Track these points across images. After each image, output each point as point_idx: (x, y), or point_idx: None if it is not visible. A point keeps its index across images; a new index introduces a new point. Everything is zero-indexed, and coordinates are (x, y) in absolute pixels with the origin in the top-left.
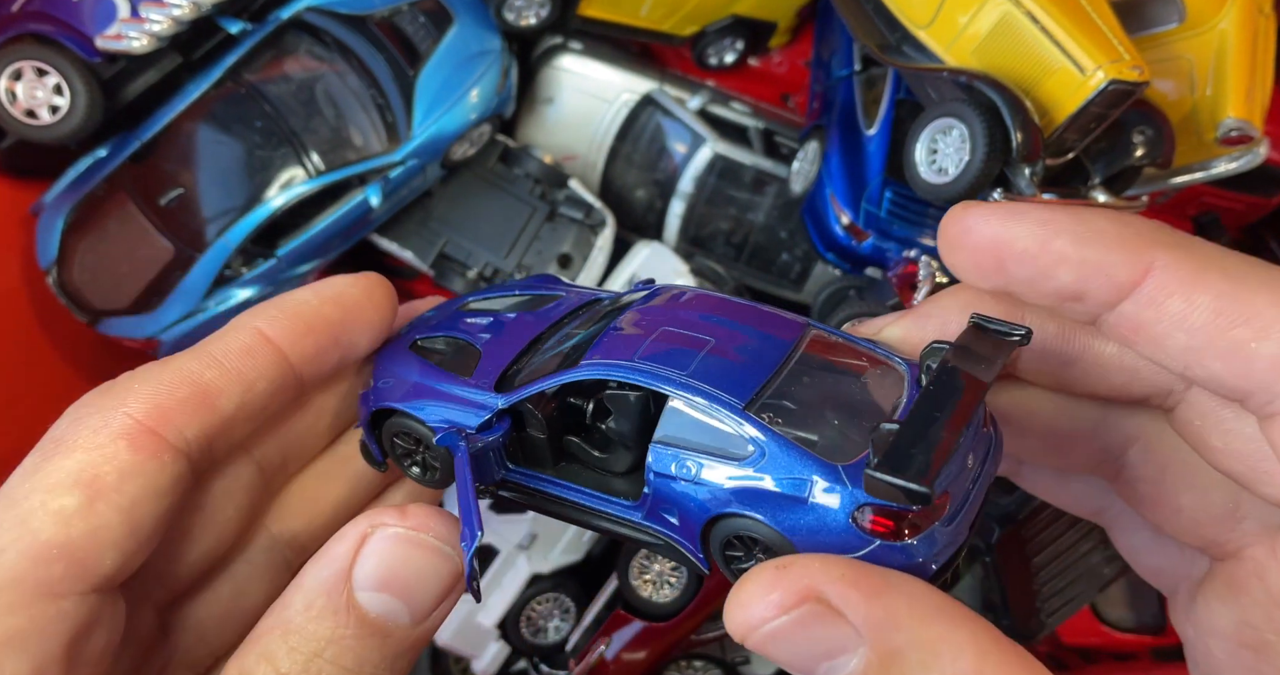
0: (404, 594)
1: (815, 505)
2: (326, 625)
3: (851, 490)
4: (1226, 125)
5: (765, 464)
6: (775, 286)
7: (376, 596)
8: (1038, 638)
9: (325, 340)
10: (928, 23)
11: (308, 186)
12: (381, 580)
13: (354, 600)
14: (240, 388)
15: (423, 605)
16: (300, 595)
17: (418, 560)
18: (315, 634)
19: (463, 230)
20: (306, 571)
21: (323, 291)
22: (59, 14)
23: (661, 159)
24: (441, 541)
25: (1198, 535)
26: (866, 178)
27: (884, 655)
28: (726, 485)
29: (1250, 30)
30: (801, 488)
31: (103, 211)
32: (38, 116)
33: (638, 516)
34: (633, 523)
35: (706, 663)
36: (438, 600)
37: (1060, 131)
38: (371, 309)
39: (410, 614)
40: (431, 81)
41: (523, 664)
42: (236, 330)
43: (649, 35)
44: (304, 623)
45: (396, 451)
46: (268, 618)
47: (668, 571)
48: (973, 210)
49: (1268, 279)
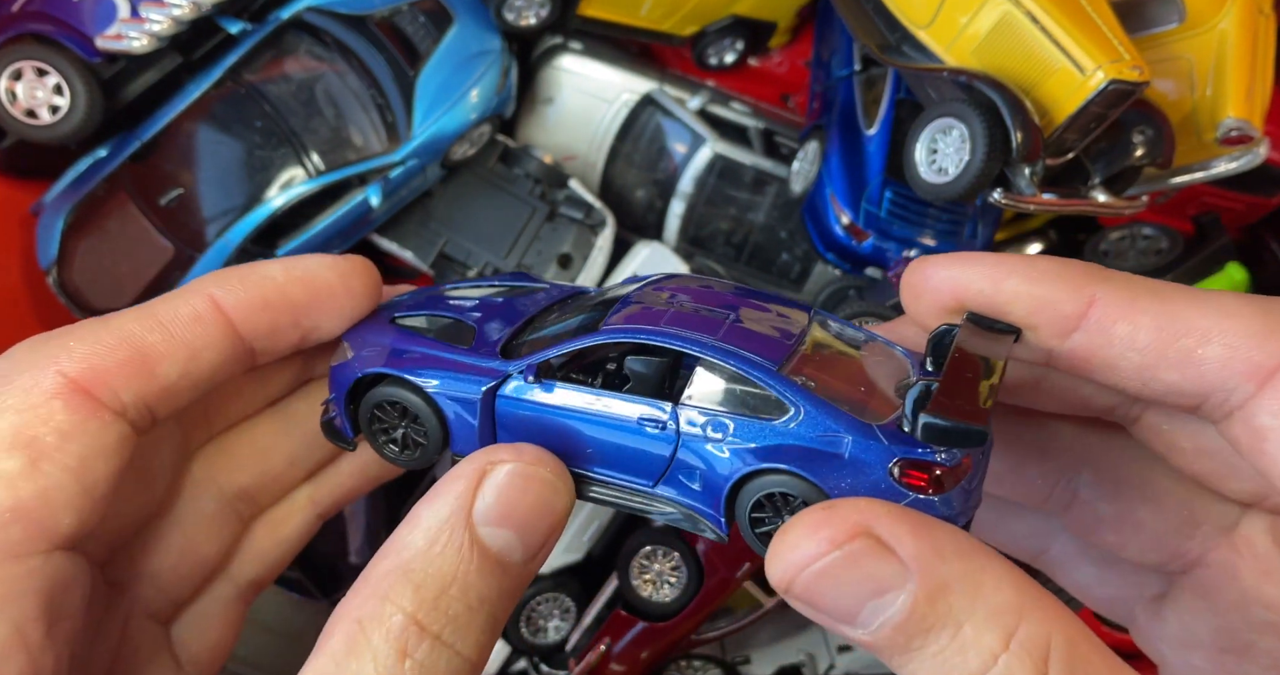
0: (521, 529)
1: (852, 460)
2: (451, 561)
3: (888, 446)
4: (1226, 125)
5: (802, 422)
6: (775, 286)
7: (497, 531)
8: None
9: (283, 319)
10: (928, 23)
11: (308, 186)
12: (502, 515)
13: (477, 535)
14: (184, 355)
15: (536, 540)
16: (420, 533)
17: (534, 495)
18: (441, 570)
19: (463, 230)
20: (421, 511)
21: (293, 269)
22: (59, 14)
23: (661, 159)
24: (556, 476)
25: (1159, 550)
26: (866, 178)
27: (931, 589)
28: (760, 444)
29: (1250, 30)
30: (838, 444)
31: (103, 211)
32: (38, 116)
33: (647, 485)
34: (646, 492)
35: (706, 662)
36: (549, 535)
37: (1060, 131)
38: (344, 295)
39: (524, 549)
40: (431, 81)
41: (523, 664)
42: (189, 295)
43: (649, 35)
44: (427, 561)
45: (373, 427)
46: (380, 562)
47: (668, 571)
48: (929, 261)
49: (1193, 296)
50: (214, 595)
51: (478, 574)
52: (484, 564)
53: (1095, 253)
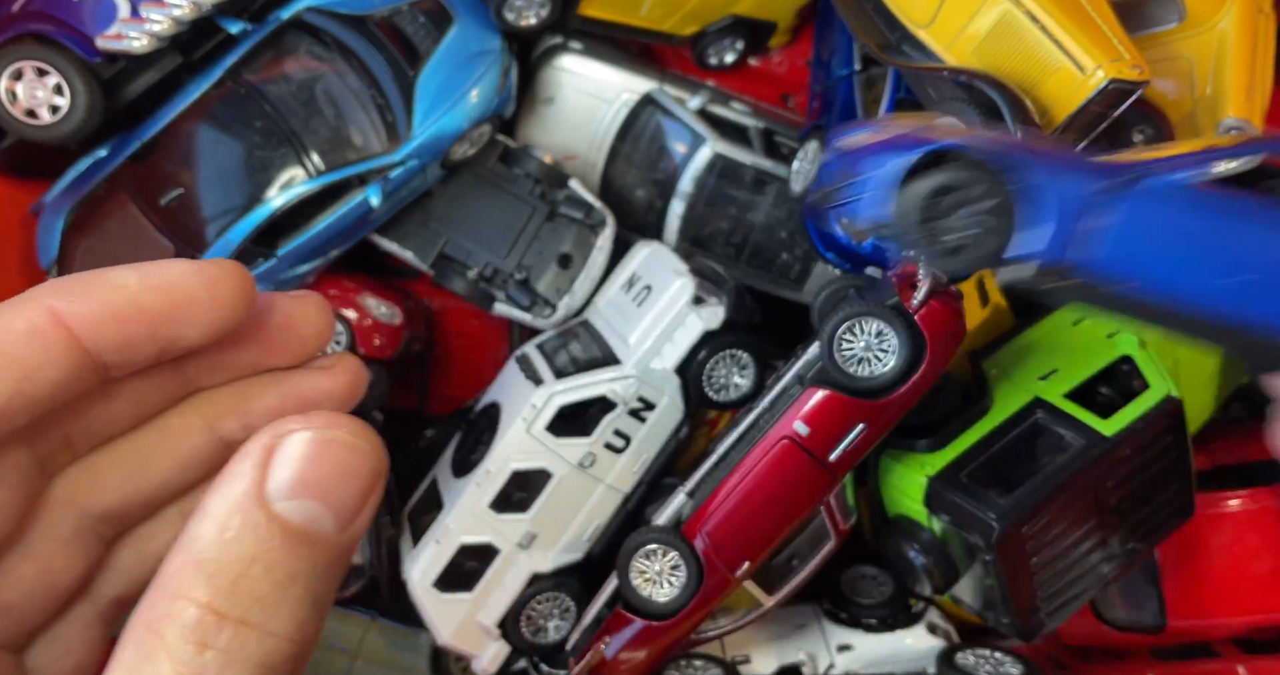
0: (325, 497)
1: None
2: (248, 543)
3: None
4: (1226, 125)
5: None
6: (775, 286)
7: (297, 504)
8: (1038, 636)
9: (138, 331)
10: (928, 22)
11: (308, 186)
12: (299, 485)
13: (273, 512)
14: (16, 375)
15: (346, 507)
16: (208, 523)
17: (334, 460)
18: (237, 554)
19: (463, 230)
20: (208, 501)
21: (149, 276)
22: (59, 14)
23: (661, 159)
24: (355, 435)
25: None
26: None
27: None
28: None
29: (1250, 30)
30: None
31: (103, 211)
32: (38, 116)
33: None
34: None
35: (706, 661)
36: (361, 500)
37: (1060, 131)
38: (208, 304)
39: (335, 518)
40: (432, 81)
41: (523, 663)
42: (24, 306)
43: (649, 35)
44: (220, 548)
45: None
46: (170, 562)
47: (667, 571)
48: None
49: None
50: (73, 618)
51: (282, 550)
52: (288, 539)
53: None
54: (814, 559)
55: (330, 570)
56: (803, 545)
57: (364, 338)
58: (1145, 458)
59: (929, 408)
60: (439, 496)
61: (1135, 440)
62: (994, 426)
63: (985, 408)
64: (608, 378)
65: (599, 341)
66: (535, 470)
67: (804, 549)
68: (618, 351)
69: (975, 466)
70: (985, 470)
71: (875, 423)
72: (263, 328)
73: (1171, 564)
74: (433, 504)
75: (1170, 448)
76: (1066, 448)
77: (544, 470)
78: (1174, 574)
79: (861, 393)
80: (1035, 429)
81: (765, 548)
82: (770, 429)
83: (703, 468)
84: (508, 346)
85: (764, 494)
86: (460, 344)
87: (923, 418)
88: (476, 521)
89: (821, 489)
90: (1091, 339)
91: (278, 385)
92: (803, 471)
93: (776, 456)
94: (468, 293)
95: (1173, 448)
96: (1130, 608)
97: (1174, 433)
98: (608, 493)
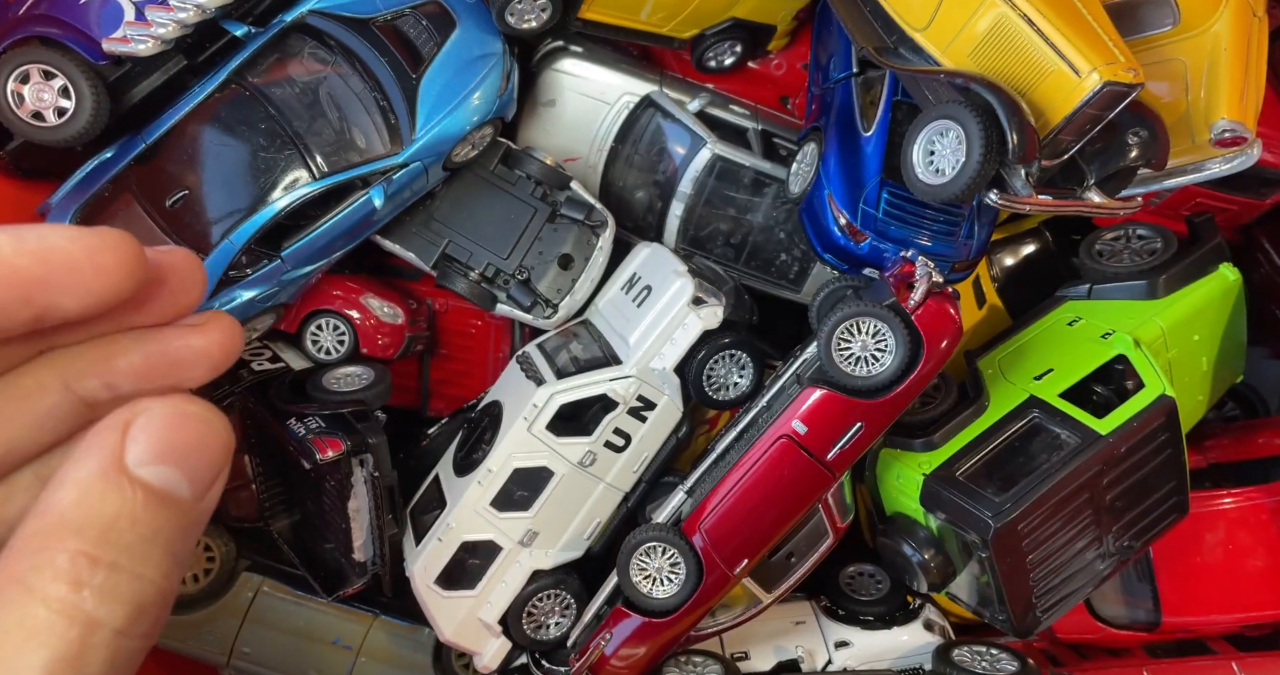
0: (183, 464)
1: None
2: (113, 502)
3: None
4: (1220, 127)
5: None
6: (774, 287)
7: (156, 469)
8: (1034, 633)
9: (10, 295)
10: (924, 25)
11: (312, 188)
12: (159, 453)
13: (134, 476)
14: None
15: (202, 477)
16: (70, 488)
17: (189, 431)
18: (103, 511)
19: (465, 231)
20: (68, 470)
21: (25, 240)
22: (65, 17)
23: (661, 160)
24: (207, 411)
25: None
26: (864, 179)
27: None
28: None
29: (1243, 33)
30: None
31: (109, 212)
32: (44, 118)
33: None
34: None
35: (705, 658)
36: (214, 471)
37: (1056, 133)
38: (90, 272)
39: (190, 487)
40: (434, 84)
41: (524, 660)
42: None
43: (649, 38)
44: (85, 507)
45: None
46: (28, 525)
47: (667, 568)
48: None
49: None
50: None
51: (145, 509)
52: (150, 499)
53: (1090, 253)
54: (812, 556)
55: (187, 533)
56: (801, 542)
57: (367, 338)
58: (1140, 456)
59: (926, 406)
60: (441, 495)
61: (1130, 439)
62: (990, 425)
63: (982, 407)
64: (608, 377)
65: (599, 341)
66: (536, 469)
67: (802, 546)
68: (618, 351)
69: (971, 465)
70: (981, 468)
71: (873, 421)
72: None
73: (1166, 561)
74: (435, 502)
75: (1165, 446)
76: (1062, 446)
77: (545, 469)
78: (1168, 571)
79: (859, 392)
80: (1031, 428)
81: (764, 545)
82: (769, 428)
83: (702, 466)
84: (509, 347)
85: (762, 492)
86: (462, 344)
87: (920, 416)
88: (478, 519)
89: (819, 487)
90: (1086, 339)
91: (143, 343)
92: (801, 470)
93: (775, 455)
94: (469, 293)
95: (1167, 446)
96: (1125, 605)
97: (1168, 431)
98: (608, 491)
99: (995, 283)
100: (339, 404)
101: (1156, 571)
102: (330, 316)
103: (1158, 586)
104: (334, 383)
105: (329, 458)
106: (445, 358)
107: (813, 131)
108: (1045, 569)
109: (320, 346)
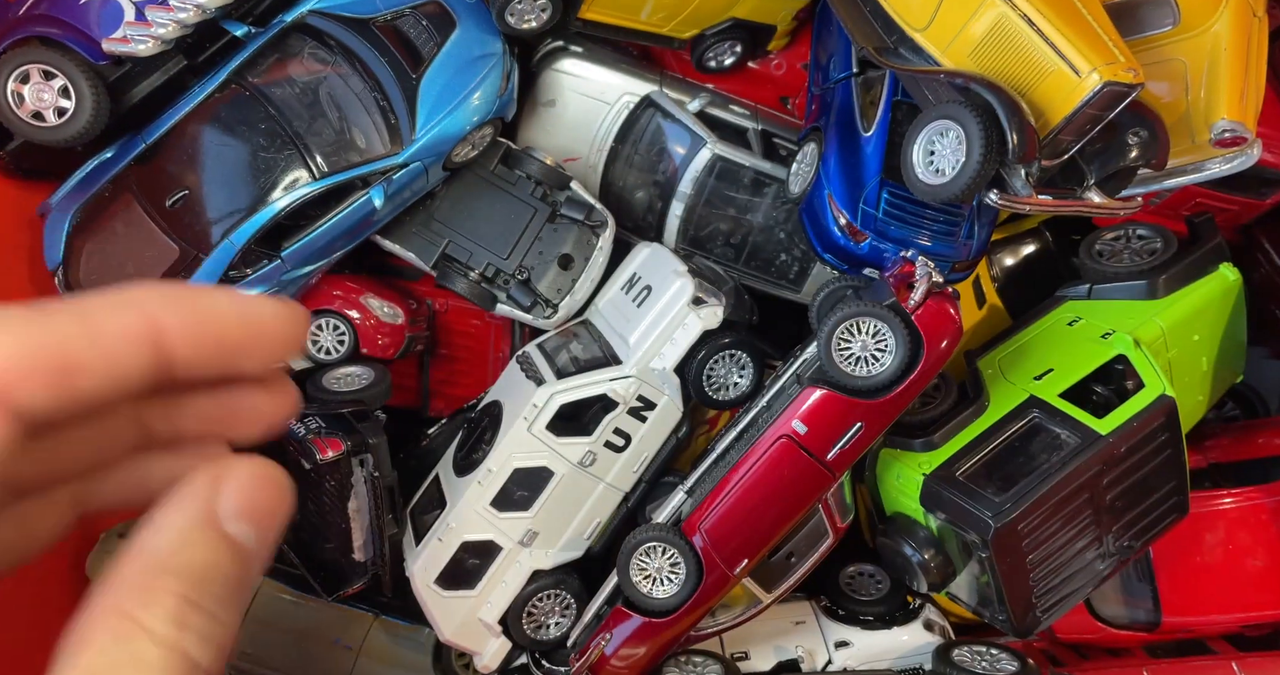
0: (259, 524)
1: None
2: (208, 551)
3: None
4: (1220, 127)
5: None
6: (774, 287)
7: (240, 525)
8: (1033, 633)
9: (217, 355)
10: (925, 26)
11: (312, 188)
12: (244, 511)
13: (224, 531)
14: (105, 371)
15: (269, 537)
16: (170, 535)
17: (270, 496)
18: (198, 561)
19: (465, 231)
20: (166, 517)
21: (244, 306)
22: (65, 17)
23: (661, 161)
24: (283, 475)
25: None
26: (864, 179)
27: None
28: None
29: (1243, 33)
30: None
31: (109, 213)
32: (44, 119)
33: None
34: None
35: (705, 658)
36: (279, 533)
37: (1056, 133)
38: (279, 343)
39: (259, 541)
40: (434, 84)
41: (524, 660)
42: (129, 308)
43: (649, 38)
44: (185, 556)
45: None
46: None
47: (667, 568)
48: None
49: None
50: None
51: (230, 563)
52: (235, 555)
53: (1090, 253)
54: (812, 556)
55: (250, 586)
56: (801, 542)
57: (367, 338)
58: (1140, 456)
59: (926, 406)
60: (441, 495)
61: (1130, 439)
62: (990, 425)
63: (982, 407)
64: (608, 377)
65: (599, 341)
66: (536, 469)
67: (802, 546)
68: (618, 351)
69: (971, 465)
70: (981, 468)
71: (873, 421)
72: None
73: (1166, 561)
74: (435, 502)
75: (1165, 446)
76: (1062, 446)
77: (545, 469)
78: (1168, 571)
79: (859, 392)
80: (1031, 428)
81: (764, 545)
82: (769, 428)
83: (702, 466)
84: (509, 347)
85: (762, 492)
86: (462, 344)
87: (920, 416)
88: (478, 519)
89: (819, 487)
90: (1086, 339)
91: (217, 391)
92: (801, 469)
93: (775, 455)
94: (469, 293)
95: (1167, 446)
96: (1125, 605)
97: (1168, 431)
98: (608, 491)
99: (995, 283)
100: (339, 404)
101: (1156, 571)
102: (330, 316)
103: (1158, 586)
104: (334, 383)
105: (329, 458)
106: (445, 358)
107: (813, 131)
108: (1045, 569)
109: (320, 346)
